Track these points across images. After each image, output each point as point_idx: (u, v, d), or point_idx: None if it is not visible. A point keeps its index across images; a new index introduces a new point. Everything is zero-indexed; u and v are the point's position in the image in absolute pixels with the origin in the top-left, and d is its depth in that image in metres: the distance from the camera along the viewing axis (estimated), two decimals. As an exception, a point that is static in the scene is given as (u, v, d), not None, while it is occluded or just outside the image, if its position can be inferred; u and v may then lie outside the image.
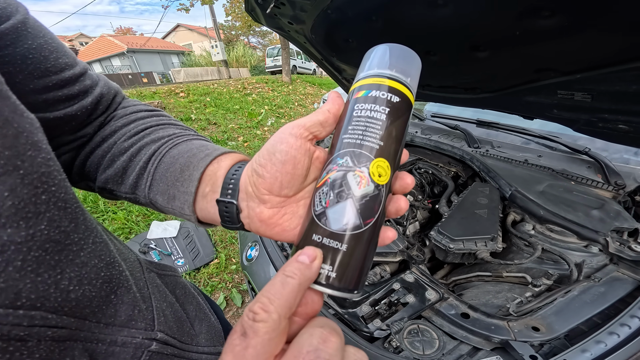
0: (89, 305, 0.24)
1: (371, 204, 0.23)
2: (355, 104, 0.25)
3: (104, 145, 0.34)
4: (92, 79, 0.33)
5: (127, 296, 0.29)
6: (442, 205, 1.06)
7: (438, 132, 1.53)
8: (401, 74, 0.26)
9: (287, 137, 0.25)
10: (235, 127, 4.58)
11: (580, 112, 0.87)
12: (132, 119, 0.36)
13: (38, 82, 0.26)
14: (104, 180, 0.33)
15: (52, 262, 0.20)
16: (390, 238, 0.26)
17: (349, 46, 1.07)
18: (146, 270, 0.37)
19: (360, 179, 0.23)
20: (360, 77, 0.27)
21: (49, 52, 0.27)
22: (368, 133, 0.24)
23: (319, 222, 0.23)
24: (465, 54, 0.85)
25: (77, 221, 0.22)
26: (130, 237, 2.07)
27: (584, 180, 1.02)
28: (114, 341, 0.26)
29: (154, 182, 0.31)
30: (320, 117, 0.26)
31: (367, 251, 0.24)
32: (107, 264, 0.26)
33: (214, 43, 10.10)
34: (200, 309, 0.47)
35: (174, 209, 0.31)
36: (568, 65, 0.70)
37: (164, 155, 0.32)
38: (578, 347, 0.55)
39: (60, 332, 0.22)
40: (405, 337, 0.65)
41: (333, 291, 0.22)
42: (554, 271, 0.76)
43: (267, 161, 0.25)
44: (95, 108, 0.33)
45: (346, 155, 0.24)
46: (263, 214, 0.27)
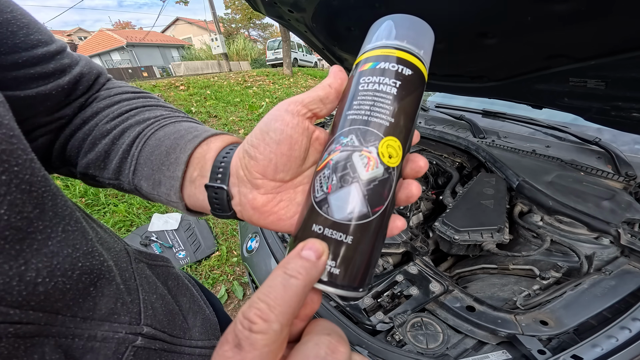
0: (61, 299, 0.22)
1: (380, 189, 0.20)
2: (361, 77, 0.22)
3: (84, 127, 0.31)
4: (72, 58, 0.30)
5: (109, 288, 0.27)
6: (447, 196, 1.03)
7: (442, 122, 1.49)
8: (413, 45, 0.22)
9: (283, 114, 0.22)
10: (236, 120, 4.55)
11: (593, 100, 0.84)
12: (116, 100, 0.33)
13: (5, 58, 0.24)
14: (85, 165, 0.31)
15: (12, 252, 0.18)
16: (399, 228, 0.23)
17: (351, 35, 1.03)
18: (134, 260, 0.34)
19: (368, 160, 0.20)
20: (366, 49, 0.24)
21: (18, 28, 0.25)
22: (376, 108, 0.21)
23: (320, 210, 0.20)
24: (472, 41, 0.81)
25: (44, 207, 0.20)
26: (131, 229, 2.07)
27: (593, 171, 0.99)
28: (93, 336, 0.25)
29: (138, 166, 0.29)
30: (320, 93, 0.23)
31: (374, 243, 0.21)
32: (85, 253, 0.24)
33: (213, 36, 9.97)
34: (195, 301, 0.45)
35: (159, 195, 0.29)
36: (582, 52, 0.67)
37: (149, 137, 0.30)
38: (588, 341, 0.53)
39: (26, 328, 0.20)
40: (408, 331, 0.64)
41: (336, 289, 0.19)
42: (563, 263, 0.74)
43: (260, 141, 0.23)
44: (74, 88, 0.31)
45: (351, 134, 0.21)
46: (256, 201, 0.24)
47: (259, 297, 0.17)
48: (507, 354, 0.59)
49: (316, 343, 0.17)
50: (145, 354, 0.29)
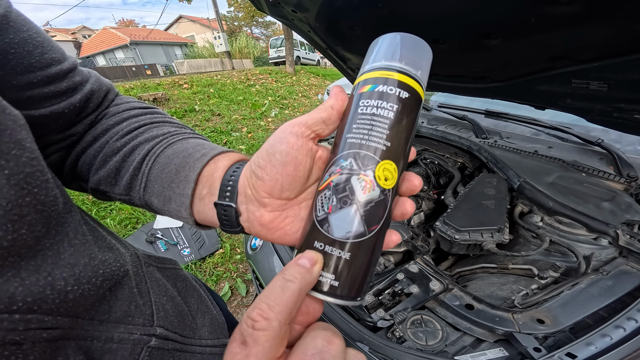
0: (83, 304, 0.23)
1: (376, 210, 0.22)
2: (360, 100, 0.23)
3: (95, 144, 0.32)
4: (82, 75, 0.31)
5: (122, 292, 0.28)
6: (448, 196, 1.04)
7: (445, 122, 1.49)
8: (411, 66, 0.23)
9: (288, 136, 0.23)
10: (239, 118, 4.57)
11: (595, 101, 0.84)
12: (125, 117, 0.34)
13: (22, 78, 0.25)
14: (96, 181, 0.32)
15: (30, 268, 0.19)
16: (394, 242, 0.25)
17: (354, 34, 1.04)
18: (145, 264, 0.36)
19: (365, 184, 0.22)
20: (365, 69, 0.25)
21: (34, 47, 0.25)
22: (374, 132, 0.22)
23: (321, 228, 0.22)
24: (475, 41, 0.82)
25: (49, 226, 0.21)
26: (137, 226, 2.11)
27: (595, 172, 1.00)
28: (110, 338, 0.26)
29: (148, 183, 0.30)
30: (322, 115, 0.24)
31: (370, 258, 0.22)
32: (102, 261, 0.25)
33: (216, 34, 9.96)
34: (202, 302, 0.47)
35: (170, 211, 0.30)
36: (585, 53, 0.67)
37: (158, 155, 0.31)
38: (583, 340, 0.54)
39: (54, 332, 0.21)
40: (408, 328, 0.65)
41: (335, 299, 0.21)
42: (562, 263, 0.75)
43: (266, 162, 0.24)
44: (85, 106, 0.32)
45: (350, 157, 0.22)
46: (263, 218, 0.25)
47: (261, 299, 0.19)
48: (504, 351, 0.61)
49: (313, 337, 0.19)
50: (160, 354, 0.31)
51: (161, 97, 4.57)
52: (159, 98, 4.53)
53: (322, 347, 0.19)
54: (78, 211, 0.26)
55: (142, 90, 4.83)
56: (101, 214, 2.21)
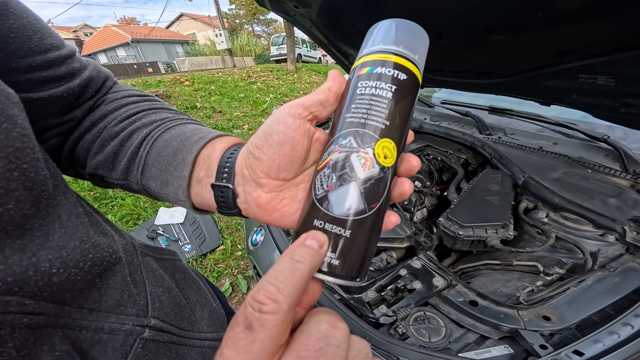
0: (70, 290, 0.22)
1: (376, 187, 0.22)
2: (359, 82, 0.24)
3: (93, 129, 0.32)
4: (81, 62, 0.32)
5: (114, 280, 0.27)
6: (451, 192, 1.03)
7: (448, 118, 1.48)
8: (408, 50, 0.24)
9: (285, 117, 0.23)
10: (241, 115, 4.56)
11: (602, 96, 0.83)
12: (123, 103, 0.34)
13: (21, 61, 0.25)
14: (94, 166, 0.32)
15: (15, 246, 0.19)
16: (393, 223, 0.25)
17: (357, 30, 1.02)
18: (141, 254, 0.35)
19: (365, 161, 0.22)
20: (363, 53, 0.25)
21: (33, 33, 0.26)
22: (373, 112, 0.22)
23: (321, 206, 0.22)
24: (480, 37, 0.80)
25: (39, 206, 0.21)
26: (138, 223, 2.11)
27: (601, 168, 0.98)
28: (100, 328, 0.25)
29: (146, 167, 0.30)
30: (320, 96, 0.24)
31: (370, 237, 0.22)
32: (94, 245, 0.25)
33: (218, 32, 9.94)
34: (202, 294, 0.46)
35: (167, 194, 0.30)
36: (592, 48, 0.66)
37: (156, 139, 0.31)
38: (590, 337, 0.53)
39: (37, 318, 0.20)
40: (411, 324, 0.65)
41: (335, 279, 0.21)
42: (568, 260, 0.74)
43: (263, 142, 0.24)
44: (84, 91, 0.32)
45: (349, 136, 0.22)
46: (260, 199, 0.25)
47: (267, 281, 0.17)
48: (509, 348, 0.60)
49: (317, 321, 0.18)
50: (154, 347, 0.30)
51: (162, 94, 4.58)
52: (160, 95, 4.53)
53: (327, 332, 0.18)
54: (74, 195, 0.25)
55: (144, 87, 4.83)
56: (102, 210, 2.21)
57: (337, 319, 0.19)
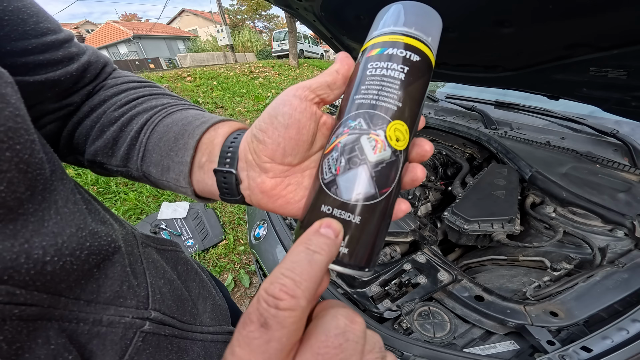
0: (66, 280, 0.21)
1: (387, 171, 0.21)
2: (369, 63, 0.22)
3: (92, 115, 0.31)
4: (79, 47, 0.31)
5: (113, 270, 0.26)
6: (456, 186, 1.02)
7: (453, 113, 1.46)
8: (421, 32, 0.22)
9: (291, 98, 0.22)
10: (242, 111, 4.55)
11: (613, 90, 0.81)
12: (123, 89, 0.33)
13: (16, 44, 0.25)
14: (93, 152, 0.31)
15: (7, 231, 0.18)
16: (404, 211, 0.23)
17: (360, 23, 1.01)
18: (142, 244, 0.34)
19: (376, 143, 0.20)
20: (373, 35, 0.24)
21: (28, 16, 0.25)
22: (384, 93, 0.21)
23: (329, 191, 0.21)
24: (487, 30, 0.78)
25: (35, 190, 0.20)
26: (141, 217, 2.11)
27: (609, 163, 0.96)
28: (98, 320, 0.24)
29: (146, 152, 0.29)
30: (327, 79, 0.23)
31: (381, 225, 0.21)
32: (92, 233, 0.24)
33: (219, 28, 9.87)
34: (204, 287, 0.45)
35: (168, 181, 0.29)
36: (605, 40, 0.64)
37: (156, 124, 0.30)
38: (599, 333, 0.52)
39: (30, 310, 0.19)
40: (415, 319, 0.64)
41: (343, 268, 0.20)
42: (576, 255, 0.73)
43: (268, 125, 0.23)
44: (82, 76, 0.31)
45: (359, 117, 0.21)
46: (265, 185, 0.24)
47: (282, 273, 0.16)
48: (515, 344, 0.59)
49: (333, 316, 0.17)
50: (155, 340, 0.29)
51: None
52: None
53: (345, 327, 0.17)
54: (71, 182, 0.25)
55: (145, 83, 4.81)
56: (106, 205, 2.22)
57: (354, 313, 0.18)
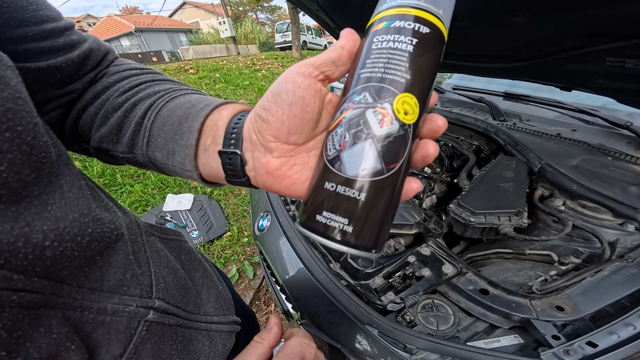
0: (67, 266, 0.21)
1: (395, 146, 0.19)
2: (375, 36, 0.21)
3: (96, 102, 0.31)
4: (80, 35, 0.31)
5: (116, 258, 0.26)
6: (462, 178, 1.00)
7: (460, 104, 1.43)
8: (431, 4, 0.21)
9: (294, 75, 0.22)
10: (246, 103, 4.50)
11: (630, 81, 0.78)
12: (126, 75, 0.33)
13: (16, 31, 0.24)
14: (98, 139, 0.31)
15: (9, 213, 0.17)
16: (415, 190, 0.22)
17: (365, 12, 0.98)
18: (145, 233, 0.34)
19: (383, 117, 0.19)
20: (380, 9, 0.22)
21: (27, 3, 0.25)
22: (391, 65, 0.20)
23: (332, 167, 0.20)
24: (499, 19, 0.75)
25: (40, 173, 0.19)
26: (147, 209, 2.14)
27: (622, 156, 0.94)
28: (103, 309, 0.24)
29: (151, 137, 0.29)
30: (332, 55, 0.22)
31: (388, 203, 0.20)
32: (95, 219, 0.23)
33: (221, 20, 9.75)
34: (208, 276, 0.45)
35: (174, 165, 0.28)
36: (624, 29, 0.61)
37: (160, 109, 0.29)
38: (605, 329, 0.51)
39: (30, 297, 0.19)
40: (419, 312, 0.64)
41: (349, 248, 0.19)
42: (585, 249, 0.71)
43: (271, 103, 0.22)
44: (84, 63, 0.31)
45: (365, 91, 0.20)
46: (270, 165, 0.24)
47: None
48: (519, 338, 0.59)
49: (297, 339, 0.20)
50: (160, 329, 0.29)
51: (167, 82, 4.58)
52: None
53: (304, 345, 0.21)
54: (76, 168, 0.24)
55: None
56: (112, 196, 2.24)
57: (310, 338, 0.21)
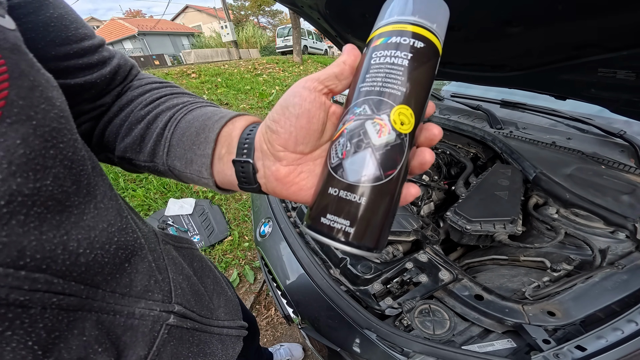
0: (100, 272, 0.23)
1: (393, 153, 0.21)
2: (374, 52, 0.23)
3: (121, 114, 0.34)
4: (109, 51, 0.34)
5: (142, 265, 0.28)
6: (459, 186, 1.03)
7: (458, 112, 1.45)
8: (425, 19, 0.23)
9: (301, 90, 0.24)
10: (247, 108, 4.56)
11: (621, 91, 0.80)
12: (147, 89, 0.36)
13: (59, 49, 0.27)
14: (122, 149, 0.33)
15: (53, 222, 0.19)
16: (413, 195, 0.25)
17: (366, 22, 1.01)
18: (162, 242, 0.37)
19: (380, 127, 0.21)
20: (378, 25, 0.25)
21: (69, 22, 0.28)
22: (388, 79, 0.22)
23: (335, 174, 0.22)
24: (495, 29, 0.78)
25: (80, 184, 0.22)
26: (149, 213, 2.16)
27: (615, 165, 0.96)
28: (132, 313, 0.26)
29: (171, 147, 0.31)
30: (335, 70, 0.24)
31: (388, 207, 0.22)
32: (120, 229, 0.26)
33: (223, 24, 9.85)
34: (218, 283, 0.48)
35: (192, 173, 0.31)
36: (614, 41, 0.64)
37: (179, 121, 0.32)
38: (594, 333, 0.53)
39: (69, 300, 0.21)
40: (416, 317, 0.66)
41: (351, 248, 0.21)
42: (576, 256, 0.73)
43: (280, 116, 0.24)
44: (113, 78, 0.34)
45: (364, 104, 0.22)
46: (279, 172, 0.26)
47: None
48: (512, 342, 0.61)
49: None
50: (179, 333, 0.31)
51: (170, 86, 4.61)
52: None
53: None
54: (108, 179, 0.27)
55: (151, 80, 4.84)
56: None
57: None
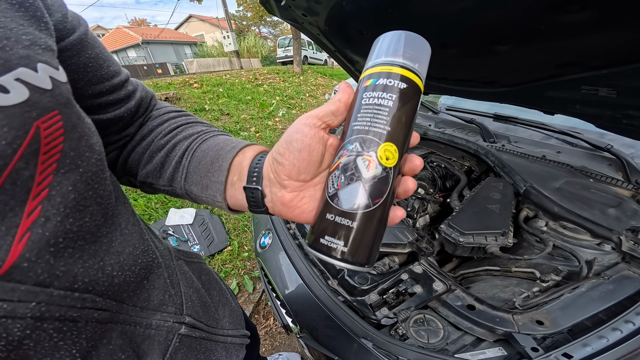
0: (126, 289, 0.27)
1: (379, 185, 0.25)
2: (364, 93, 0.27)
3: (143, 143, 0.38)
4: (133, 84, 0.37)
5: (158, 281, 0.32)
6: (454, 199, 1.06)
7: (452, 125, 1.50)
8: (409, 60, 0.26)
9: (302, 127, 0.27)
10: (248, 118, 4.63)
11: (605, 107, 0.85)
12: (165, 119, 0.40)
13: (95, 87, 0.30)
14: (144, 175, 0.37)
15: (90, 251, 0.23)
16: (399, 217, 0.28)
17: (363, 38, 1.06)
18: (175, 257, 0.40)
19: (369, 163, 0.25)
20: (368, 65, 0.28)
21: (103, 61, 0.31)
22: (376, 119, 0.25)
23: (332, 202, 0.25)
24: (484, 47, 0.83)
25: (107, 216, 0.25)
26: (150, 223, 2.18)
27: (603, 178, 1.00)
28: (149, 324, 0.29)
29: (188, 174, 0.35)
30: (332, 107, 0.28)
31: (376, 229, 0.26)
32: (143, 251, 0.29)
33: (225, 34, 10.06)
34: (223, 294, 0.51)
35: (207, 197, 0.34)
36: (594, 60, 0.68)
37: (195, 150, 0.36)
38: (580, 341, 0.55)
39: (104, 314, 0.24)
40: (411, 326, 0.68)
41: (346, 264, 0.25)
42: (564, 267, 0.76)
43: (285, 150, 0.28)
44: (137, 110, 0.37)
45: (356, 142, 0.26)
46: (284, 198, 0.29)
47: None
48: (502, 350, 0.63)
49: None
50: (189, 342, 0.34)
51: (172, 96, 4.67)
52: (170, 97, 4.63)
53: None
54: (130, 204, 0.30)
55: (155, 90, 4.93)
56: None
57: None
